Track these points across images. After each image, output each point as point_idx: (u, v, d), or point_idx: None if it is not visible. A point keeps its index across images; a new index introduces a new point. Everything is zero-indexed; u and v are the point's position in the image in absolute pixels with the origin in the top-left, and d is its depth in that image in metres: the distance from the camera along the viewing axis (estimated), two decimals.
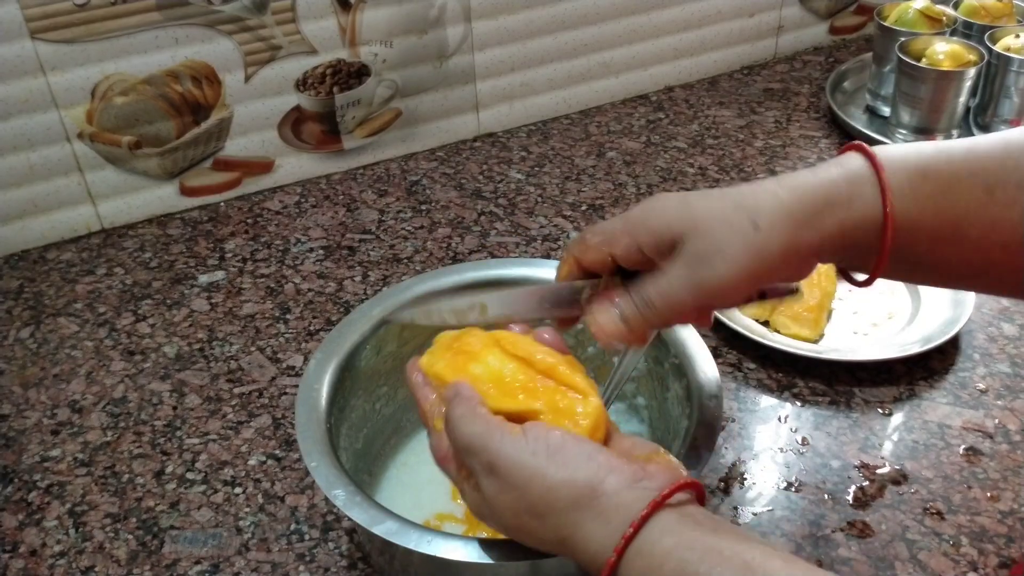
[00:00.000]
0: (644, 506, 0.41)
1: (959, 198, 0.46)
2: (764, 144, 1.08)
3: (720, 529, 0.41)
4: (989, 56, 1.00)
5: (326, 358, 0.61)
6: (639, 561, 0.41)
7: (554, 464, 0.43)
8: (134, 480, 0.69)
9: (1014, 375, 0.75)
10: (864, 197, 0.46)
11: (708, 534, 0.40)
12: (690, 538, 0.40)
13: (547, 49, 1.10)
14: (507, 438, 0.45)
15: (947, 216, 0.47)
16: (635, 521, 0.41)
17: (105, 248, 0.95)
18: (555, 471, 0.43)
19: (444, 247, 0.93)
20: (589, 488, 0.43)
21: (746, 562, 0.38)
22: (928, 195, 0.46)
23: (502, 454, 0.44)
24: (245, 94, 0.97)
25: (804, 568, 0.38)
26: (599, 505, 0.42)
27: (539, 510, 0.43)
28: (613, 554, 0.41)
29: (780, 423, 0.72)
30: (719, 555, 0.39)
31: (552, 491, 0.43)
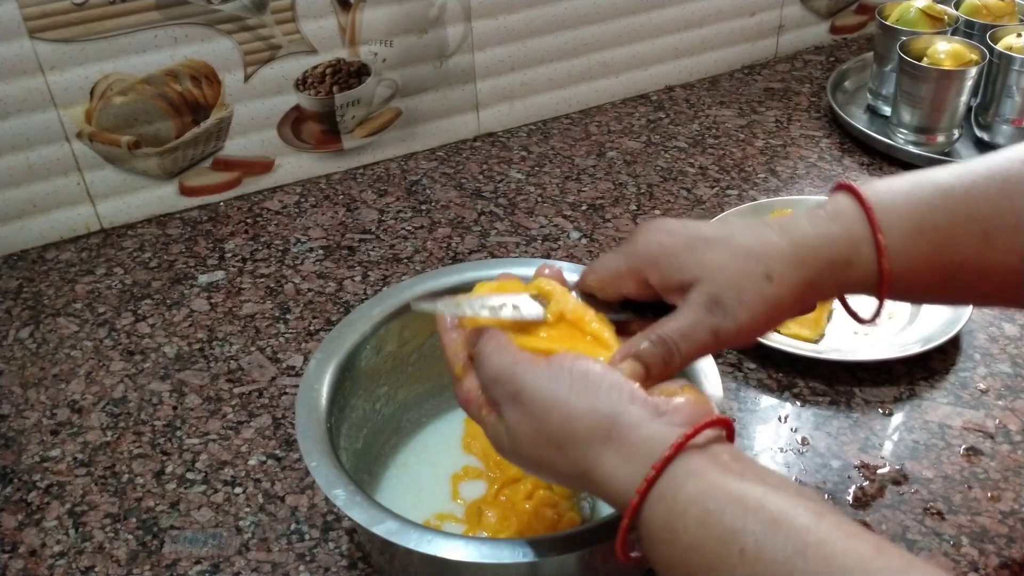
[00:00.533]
0: (667, 446, 0.40)
1: (957, 247, 0.47)
2: (765, 144, 1.08)
3: (747, 473, 0.40)
4: (991, 55, 1.00)
5: (326, 358, 0.61)
6: (661, 505, 0.40)
7: (576, 392, 0.43)
8: (134, 480, 0.69)
9: (1015, 375, 0.75)
10: (862, 259, 0.47)
11: (734, 479, 0.39)
12: (715, 485, 0.39)
13: (547, 49, 1.10)
14: (532, 367, 0.45)
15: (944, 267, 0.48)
16: (657, 463, 0.40)
17: (104, 248, 0.95)
18: (576, 399, 0.43)
19: (444, 247, 0.92)
20: (610, 419, 0.42)
21: (773, 515, 0.37)
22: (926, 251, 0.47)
23: (526, 381, 0.44)
24: (245, 94, 0.97)
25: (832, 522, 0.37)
26: (620, 439, 0.41)
27: (559, 440, 0.43)
28: (636, 496, 0.40)
29: (780, 423, 0.71)
30: (743, 506, 0.38)
31: (572, 420, 0.42)
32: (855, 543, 0.35)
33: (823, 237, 0.47)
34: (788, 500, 0.38)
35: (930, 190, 0.48)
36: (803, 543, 0.36)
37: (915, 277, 0.48)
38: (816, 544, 0.36)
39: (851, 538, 0.36)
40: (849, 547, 0.35)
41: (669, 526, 0.39)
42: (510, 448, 0.46)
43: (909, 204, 0.47)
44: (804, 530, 0.36)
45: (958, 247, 0.47)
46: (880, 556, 0.35)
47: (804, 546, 0.36)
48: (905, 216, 0.47)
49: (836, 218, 0.48)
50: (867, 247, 0.47)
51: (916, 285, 0.48)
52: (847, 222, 0.48)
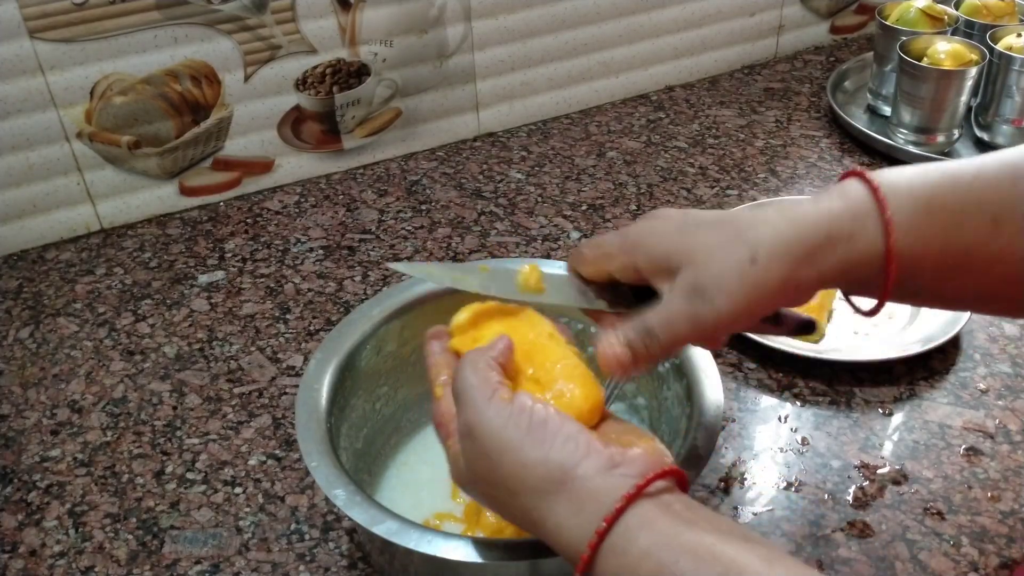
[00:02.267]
0: (619, 497, 0.40)
1: (965, 231, 0.45)
2: (765, 144, 1.08)
3: (699, 522, 0.40)
4: (991, 55, 1.00)
5: (326, 358, 0.61)
6: (613, 560, 0.39)
7: (531, 440, 0.42)
8: (134, 480, 0.69)
9: (1015, 375, 0.75)
10: (867, 233, 0.45)
11: (687, 529, 0.39)
12: (667, 535, 0.39)
13: (547, 48, 1.10)
14: (494, 401, 0.44)
15: (952, 249, 0.46)
16: (608, 515, 0.39)
17: (104, 248, 0.95)
18: (530, 448, 0.42)
19: (444, 247, 0.92)
20: (561, 471, 0.41)
21: (725, 565, 0.37)
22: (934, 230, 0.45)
23: (482, 418, 0.43)
24: (245, 94, 0.97)
25: (785, 567, 0.37)
26: (571, 490, 0.41)
27: (511, 486, 0.42)
28: (587, 549, 0.39)
29: (780, 423, 0.71)
30: (696, 556, 0.38)
31: (525, 468, 0.42)
32: None
33: (824, 212, 0.46)
34: (740, 548, 0.38)
35: (938, 174, 0.46)
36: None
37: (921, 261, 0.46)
38: None
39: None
40: None
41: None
42: (467, 482, 0.46)
43: (917, 185, 0.46)
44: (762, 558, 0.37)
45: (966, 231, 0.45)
46: None
47: None
48: (913, 194, 0.45)
49: (841, 196, 0.46)
50: (872, 222, 0.45)
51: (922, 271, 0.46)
52: (852, 199, 0.46)
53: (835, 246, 0.45)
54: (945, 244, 0.46)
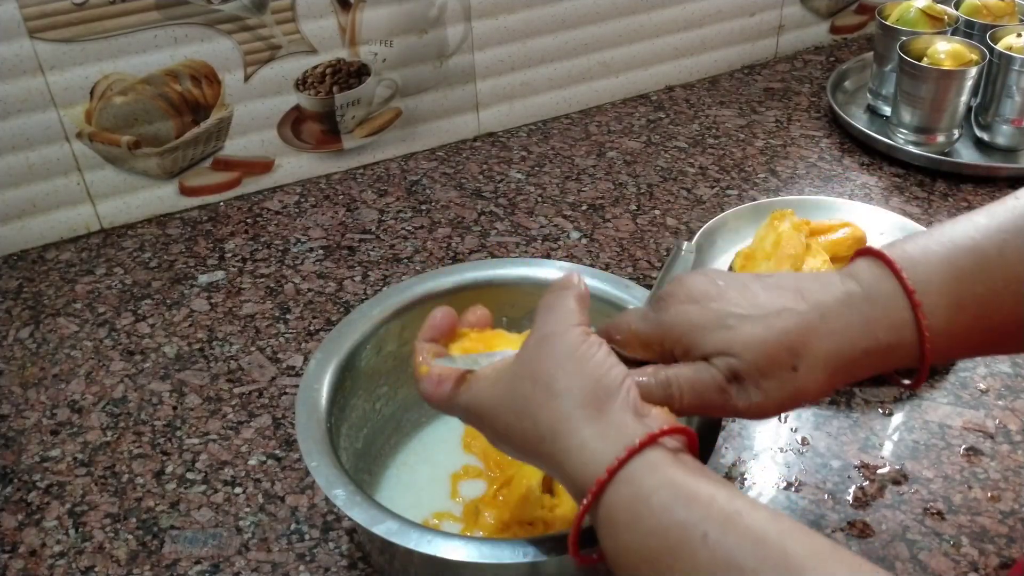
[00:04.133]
0: (642, 435, 0.42)
1: (995, 314, 0.47)
2: (765, 144, 1.08)
3: (708, 477, 0.41)
4: (991, 55, 1.00)
5: (326, 358, 0.61)
6: (627, 488, 0.41)
7: (592, 362, 0.45)
8: (134, 480, 0.69)
9: (1015, 375, 0.75)
10: (904, 346, 0.46)
11: (696, 479, 0.41)
12: (679, 479, 0.40)
13: (547, 48, 1.10)
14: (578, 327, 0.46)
15: (982, 334, 0.48)
16: (631, 446, 0.41)
17: (104, 248, 0.95)
18: (591, 367, 0.44)
19: (444, 247, 0.92)
20: (606, 396, 0.43)
21: (735, 508, 0.39)
22: (965, 324, 0.47)
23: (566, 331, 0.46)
24: (245, 94, 0.97)
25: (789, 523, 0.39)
26: (604, 416, 0.43)
27: (558, 388, 0.44)
28: (605, 473, 0.41)
29: (780, 423, 0.71)
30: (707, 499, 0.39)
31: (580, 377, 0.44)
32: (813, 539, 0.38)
33: (863, 325, 0.46)
34: (746, 500, 0.40)
35: (966, 257, 0.47)
36: (764, 533, 0.38)
37: (953, 349, 0.48)
38: (776, 534, 0.37)
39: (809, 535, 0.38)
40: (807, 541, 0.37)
41: (633, 508, 0.40)
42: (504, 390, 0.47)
43: (947, 278, 0.47)
44: (765, 521, 0.38)
45: (996, 312, 0.47)
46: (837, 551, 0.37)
47: (765, 535, 0.37)
48: (944, 292, 0.46)
49: (876, 301, 0.47)
50: (909, 333, 0.46)
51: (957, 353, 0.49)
52: (888, 307, 0.46)
53: (871, 358, 0.47)
54: (976, 331, 0.48)
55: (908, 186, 1.00)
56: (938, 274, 0.47)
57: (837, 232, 0.83)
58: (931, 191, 0.99)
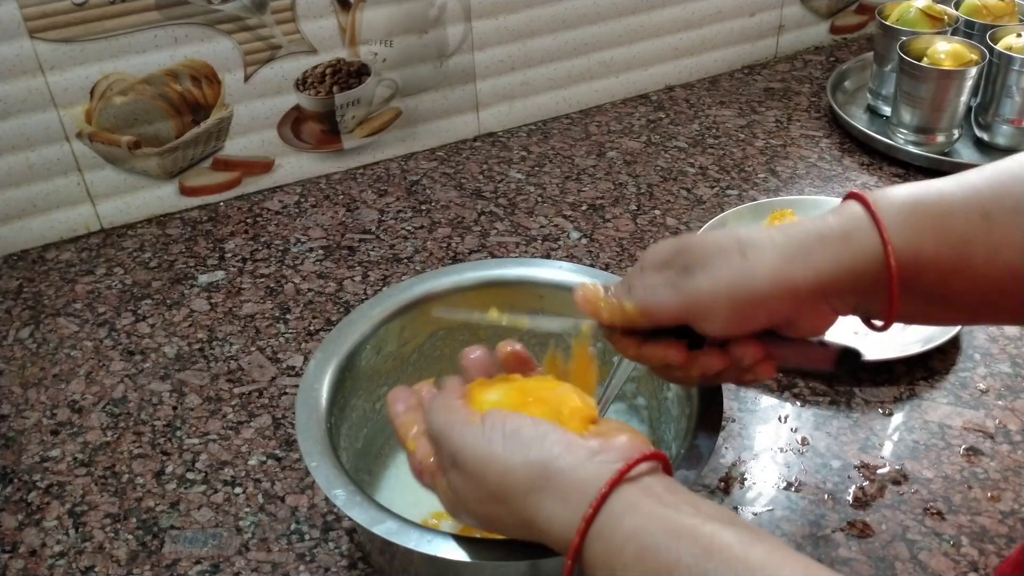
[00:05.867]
0: (603, 483, 0.41)
1: (956, 226, 0.47)
2: (765, 144, 1.08)
3: (680, 505, 0.41)
4: (990, 55, 1.00)
5: (326, 358, 0.61)
6: (600, 544, 0.41)
7: (509, 448, 0.44)
8: (134, 480, 0.69)
9: (1015, 375, 0.75)
10: (860, 233, 0.47)
11: (669, 511, 0.40)
12: (650, 517, 0.40)
13: (547, 48, 1.10)
14: (466, 427, 0.46)
15: (948, 244, 0.47)
16: (594, 502, 0.41)
17: (104, 248, 0.95)
18: (509, 454, 0.44)
19: (444, 247, 0.92)
20: (543, 467, 0.43)
21: (706, 544, 0.38)
22: (924, 226, 0.47)
23: (462, 444, 0.45)
24: (245, 94, 0.97)
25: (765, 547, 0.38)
26: (556, 484, 0.42)
27: (499, 495, 0.44)
28: (576, 536, 0.41)
29: (780, 423, 0.71)
30: (677, 536, 0.39)
31: (508, 474, 0.43)
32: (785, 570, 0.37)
33: (816, 221, 0.48)
34: (721, 528, 0.39)
35: (921, 185, 0.49)
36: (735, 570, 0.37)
37: (921, 257, 0.47)
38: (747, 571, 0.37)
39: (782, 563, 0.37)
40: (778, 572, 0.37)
41: (608, 564, 0.40)
42: (462, 510, 0.47)
43: (902, 193, 0.48)
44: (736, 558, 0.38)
45: (959, 225, 0.46)
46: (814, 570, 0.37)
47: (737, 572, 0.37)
48: (900, 201, 0.47)
49: (833, 211, 0.49)
50: (865, 223, 0.47)
51: (925, 266, 0.47)
52: (843, 209, 0.49)
53: (826, 245, 0.47)
54: (940, 239, 0.47)
55: None
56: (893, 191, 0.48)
57: None
58: None
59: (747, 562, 0.37)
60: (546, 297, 0.67)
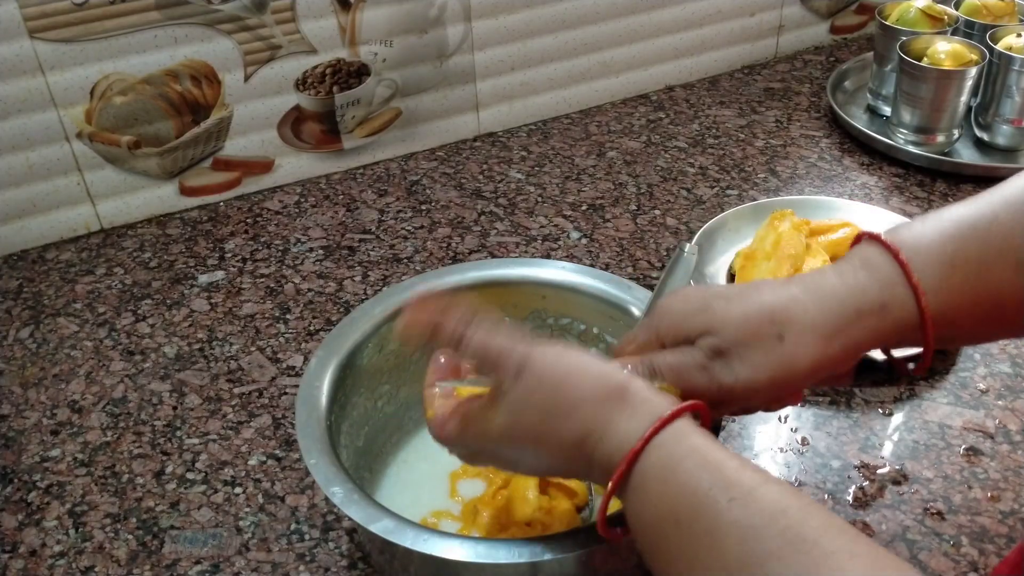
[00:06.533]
0: (669, 406, 0.43)
1: (992, 280, 0.46)
2: (765, 144, 1.08)
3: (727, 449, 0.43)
4: (991, 55, 1.00)
5: (327, 356, 0.61)
6: (662, 450, 0.42)
7: (591, 362, 0.46)
8: (134, 480, 0.69)
9: (1015, 375, 0.75)
10: (897, 302, 0.46)
11: (720, 449, 0.42)
12: (705, 449, 0.42)
13: (547, 48, 1.10)
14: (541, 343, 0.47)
15: (983, 300, 0.47)
16: (663, 416, 0.42)
17: (104, 248, 0.95)
18: (594, 365, 0.46)
19: (444, 247, 0.92)
20: (621, 387, 0.44)
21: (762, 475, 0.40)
22: (961, 284, 0.46)
23: (540, 350, 0.46)
24: (245, 94, 0.97)
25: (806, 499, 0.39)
26: (628, 400, 0.44)
27: (572, 401, 0.45)
28: (638, 443, 0.42)
29: (780, 423, 0.71)
30: (736, 463, 0.41)
31: (592, 379, 0.45)
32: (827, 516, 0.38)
33: (851, 287, 0.47)
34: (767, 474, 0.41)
35: (954, 227, 0.47)
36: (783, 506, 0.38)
37: (957, 312, 0.47)
38: (795, 509, 0.38)
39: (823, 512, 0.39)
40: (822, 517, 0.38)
41: (668, 466, 0.42)
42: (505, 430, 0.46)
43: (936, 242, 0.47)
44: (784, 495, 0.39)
45: (993, 278, 0.46)
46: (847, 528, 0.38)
47: (784, 508, 0.38)
48: (935, 253, 0.46)
49: (864, 266, 0.47)
50: (901, 288, 0.46)
51: (960, 321, 0.47)
52: (876, 268, 0.47)
53: (864, 320, 0.46)
54: (976, 295, 0.47)
55: (908, 186, 1.00)
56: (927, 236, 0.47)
57: (837, 232, 0.83)
58: (931, 191, 0.99)
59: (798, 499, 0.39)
60: (549, 297, 0.67)
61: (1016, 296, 0.46)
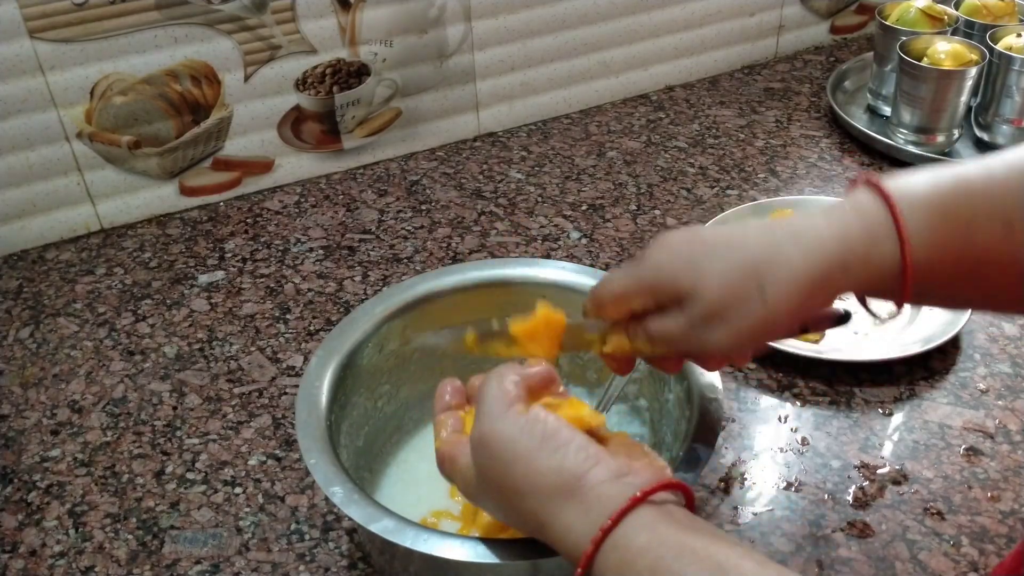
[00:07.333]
0: (625, 500, 0.41)
1: (979, 237, 0.46)
2: (765, 144, 1.08)
3: (697, 529, 0.41)
4: (990, 55, 1.00)
5: (328, 355, 0.61)
6: (614, 555, 0.41)
7: (544, 449, 0.44)
8: (134, 480, 0.69)
9: (1015, 375, 0.75)
10: (882, 251, 0.46)
11: (685, 533, 0.40)
12: (665, 535, 0.40)
13: (547, 48, 1.10)
14: (510, 412, 0.45)
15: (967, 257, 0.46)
16: (614, 514, 0.41)
17: (104, 248, 0.95)
18: (544, 457, 0.44)
19: (444, 247, 0.92)
20: (574, 478, 0.43)
21: (719, 563, 0.38)
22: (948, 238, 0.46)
23: (498, 426, 0.45)
24: (245, 94, 0.97)
25: (777, 570, 0.38)
26: (581, 495, 0.42)
27: (522, 490, 0.44)
28: (590, 545, 0.41)
29: (780, 423, 0.71)
30: (693, 554, 0.39)
31: (538, 475, 0.43)
32: None
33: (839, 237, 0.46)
34: (734, 551, 0.39)
35: (951, 181, 0.47)
36: None
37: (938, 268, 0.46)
38: None
39: None
40: None
41: (621, 574, 0.40)
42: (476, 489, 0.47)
43: (931, 193, 0.46)
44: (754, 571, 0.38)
45: (979, 237, 0.46)
46: None
47: None
48: (927, 205, 0.46)
49: (855, 211, 0.47)
50: (888, 239, 0.45)
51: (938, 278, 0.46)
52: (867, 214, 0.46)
53: (849, 271, 0.46)
54: (960, 252, 0.46)
55: None
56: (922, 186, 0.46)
57: None
58: None
59: None
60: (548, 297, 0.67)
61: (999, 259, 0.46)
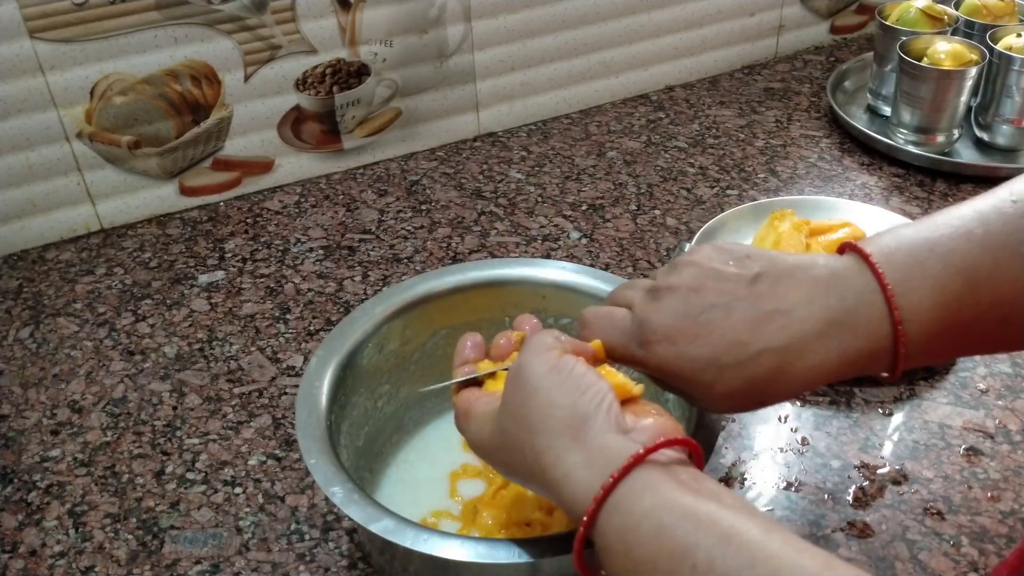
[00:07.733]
0: (627, 456, 0.41)
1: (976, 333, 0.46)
2: (765, 144, 1.08)
3: (703, 491, 0.40)
4: (991, 55, 1.00)
5: (328, 355, 0.61)
6: (617, 518, 0.40)
7: (565, 387, 0.44)
8: (134, 480, 0.69)
9: (1015, 375, 0.75)
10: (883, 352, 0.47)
11: (689, 495, 0.39)
12: (670, 499, 0.39)
13: (547, 48, 1.10)
14: (547, 352, 0.46)
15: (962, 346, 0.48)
16: (615, 472, 0.40)
17: (104, 248, 0.95)
18: (561, 393, 0.44)
19: (444, 247, 0.92)
20: (581, 419, 0.43)
21: (723, 530, 0.37)
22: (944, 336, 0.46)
23: (532, 360, 0.46)
24: (245, 94, 0.97)
25: (782, 537, 0.37)
26: (585, 441, 0.42)
27: (534, 423, 0.44)
28: (592, 503, 0.40)
29: (780, 423, 0.71)
30: (696, 520, 0.38)
31: (552, 407, 0.44)
32: (804, 558, 0.36)
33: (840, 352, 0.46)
34: (740, 517, 0.38)
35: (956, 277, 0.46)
36: (753, 558, 0.36)
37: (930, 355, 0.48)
38: (765, 559, 0.36)
39: (800, 553, 0.36)
40: (798, 562, 0.36)
41: (624, 539, 0.40)
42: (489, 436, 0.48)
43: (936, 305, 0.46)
44: (754, 545, 0.37)
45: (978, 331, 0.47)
46: (828, 570, 0.36)
47: (754, 561, 0.36)
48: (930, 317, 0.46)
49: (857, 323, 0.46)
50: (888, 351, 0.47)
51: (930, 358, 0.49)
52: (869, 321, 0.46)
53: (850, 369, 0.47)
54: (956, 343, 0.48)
55: (908, 186, 1.00)
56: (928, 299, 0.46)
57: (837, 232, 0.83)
58: (931, 191, 0.99)
59: (765, 550, 0.36)
60: (549, 297, 0.67)
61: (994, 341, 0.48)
